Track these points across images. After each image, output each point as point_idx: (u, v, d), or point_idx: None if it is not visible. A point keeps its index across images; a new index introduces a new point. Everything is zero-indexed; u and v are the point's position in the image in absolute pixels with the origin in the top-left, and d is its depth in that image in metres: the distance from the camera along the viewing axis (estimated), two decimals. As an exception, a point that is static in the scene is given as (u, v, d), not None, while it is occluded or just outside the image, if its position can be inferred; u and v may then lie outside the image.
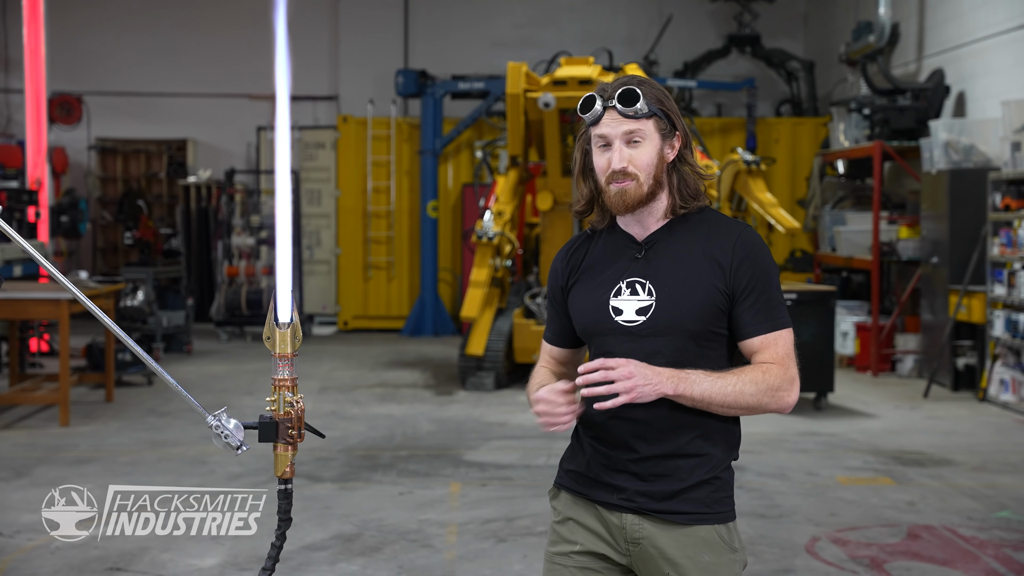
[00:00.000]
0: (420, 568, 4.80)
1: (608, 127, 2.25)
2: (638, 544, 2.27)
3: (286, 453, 2.16)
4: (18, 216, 10.49)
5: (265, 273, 12.98)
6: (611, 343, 2.26)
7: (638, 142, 2.24)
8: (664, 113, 2.26)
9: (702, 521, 2.25)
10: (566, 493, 2.37)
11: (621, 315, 2.26)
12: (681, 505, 2.25)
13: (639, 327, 2.24)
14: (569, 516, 2.35)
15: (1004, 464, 6.89)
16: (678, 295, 2.24)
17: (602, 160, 2.27)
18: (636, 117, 2.23)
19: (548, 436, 7.49)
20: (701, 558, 2.24)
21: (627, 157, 2.24)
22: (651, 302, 2.24)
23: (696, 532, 2.25)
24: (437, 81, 13.71)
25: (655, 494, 2.25)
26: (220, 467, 6.49)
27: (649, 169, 2.25)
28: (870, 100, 11.45)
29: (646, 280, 2.26)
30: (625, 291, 2.27)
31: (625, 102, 2.22)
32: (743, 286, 2.24)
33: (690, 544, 2.25)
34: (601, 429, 2.29)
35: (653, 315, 2.24)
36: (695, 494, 2.25)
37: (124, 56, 15.35)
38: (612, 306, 2.27)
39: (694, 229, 2.29)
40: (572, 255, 2.39)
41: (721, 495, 2.28)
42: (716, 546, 2.26)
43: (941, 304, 9.92)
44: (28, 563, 4.79)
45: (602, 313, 2.28)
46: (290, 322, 2.13)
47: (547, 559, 2.38)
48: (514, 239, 10.05)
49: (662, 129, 2.26)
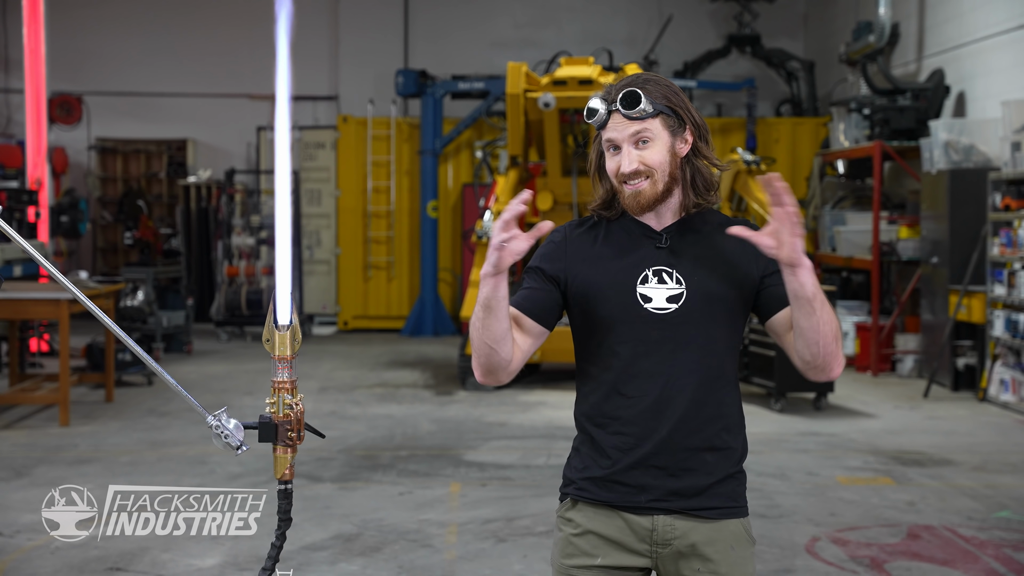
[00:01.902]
0: (420, 568, 4.80)
1: (614, 131, 2.23)
2: (669, 545, 2.26)
3: (285, 455, 2.16)
4: (18, 216, 10.49)
5: (265, 273, 12.98)
6: (640, 330, 2.24)
7: (647, 142, 2.22)
8: (671, 109, 2.23)
9: (730, 515, 2.27)
10: (585, 504, 2.31)
11: (651, 303, 2.24)
12: (711, 500, 2.25)
13: (671, 314, 2.23)
14: (590, 529, 2.29)
15: (1004, 464, 6.89)
16: (709, 283, 2.24)
17: (612, 164, 2.25)
18: (641, 118, 2.21)
19: (548, 436, 7.50)
20: (731, 553, 2.25)
21: (636, 158, 2.22)
22: (682, 290, 2.24)
23: (726, 526, 2.26)
24: (437, 81, 13.71)
25: (684, 491, 2.24)
26: (220, 467, 6.49)
27: (663, 167, 2.23)
28: (870, 100, 11.45)
29: (672, 269, 2.25)
30: (652, 279, 2.25)
31: (627, 105, 2.20)
32: (765, 269, 2.25)
33: (721, 539, 2.26)
34: (630, 425, 2.25)
35: (685, 302, 2.23)
36: (722, 488, 2.26)
37: (124, 56, 15.35)
38: (640, 293, 2.25)
39: (708, 224, 2.29)
40: (578, 238, 2.33)
41: (742, 489, 2.31)
42: (742, 539, 2.28)
43: (941, 304, 9.92)
44: (28, 563, 4.79)
45: (630, 300, 2.25)
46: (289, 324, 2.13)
47: (562, 571, 2.32)
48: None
49: (671, 126, 2.23)
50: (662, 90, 2.24)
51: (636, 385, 2.24)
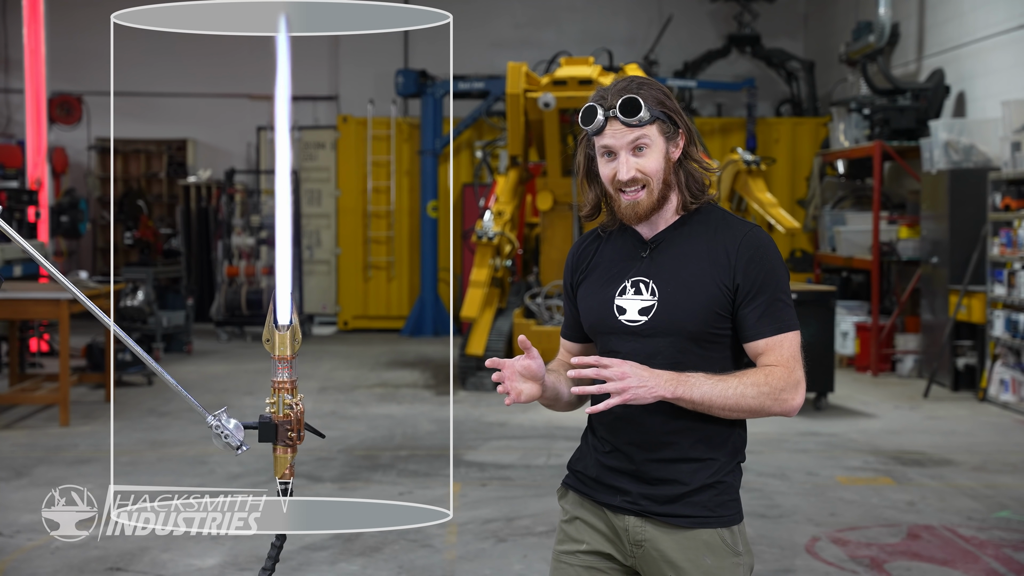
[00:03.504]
0: (420, 568, 4.80)
1: (612, 138, 2.21)
2: (641, 546, 2.27)
3: (285, 455, 2.16)
4: (18, 216, 10.49)
5: (265, 273, 12.98)
6: (615, 342, 2.26)
7: (643, 148, 2.21)
8: (666, 115, 2.22)
9: (704, 524, 2.24)
10: (573, 493, 2.37)
11: (625, 314, 2.25)
12: (683, 508, 2.24)
13: (642, 327, 2.23)
14: (576, 515, 2.35)
15: (1004, 464, 6.89)
16: (680, 295, 2.22)
17: (608, 170, 2.24)
18: (640, 125, 2.20)
19: (548, 436, 7.49)
20: (703, 561, 2.23)
21: (634, 166, 2.21)
22: (653, 302, 2.23)
23: (698, 535, 2.24)
24: (437, 81, 13.71)
25: (658, 497, 2.25)
26: (220, 467, 6.49)
27: (658, 175, 2.22)
28: (870, 100, 11.45)
29: (650, 280, 2.25)
30: (630, 290, 2.26)
31: (627, 112, 2.19)
32: (748, 287, 2.20)
33: (692, 547, 2.24)
34: (606, 431, 2.29)
35: (655, 315, 2.22)
36: (698, 498, 2.24)
37: (124, 56, 15.31)
38: (617, 305, 2.26)
39: (701, 226, 2.27)
40: (582, 253, 2.39)
41: (725, 498, 2.26)
42: (718, 549, 2.25)
43: (941, 304, 9.92)
44: (28, 563, 4.79)
45: (607, 311, 2.27)
46: (289, 324, 2.13)
47: (554, 557, 2.38)
48: (514, 239, 10.05)
49: (666, 132, 2.23)
50: (656, 95, 2.22)
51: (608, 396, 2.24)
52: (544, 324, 9.69)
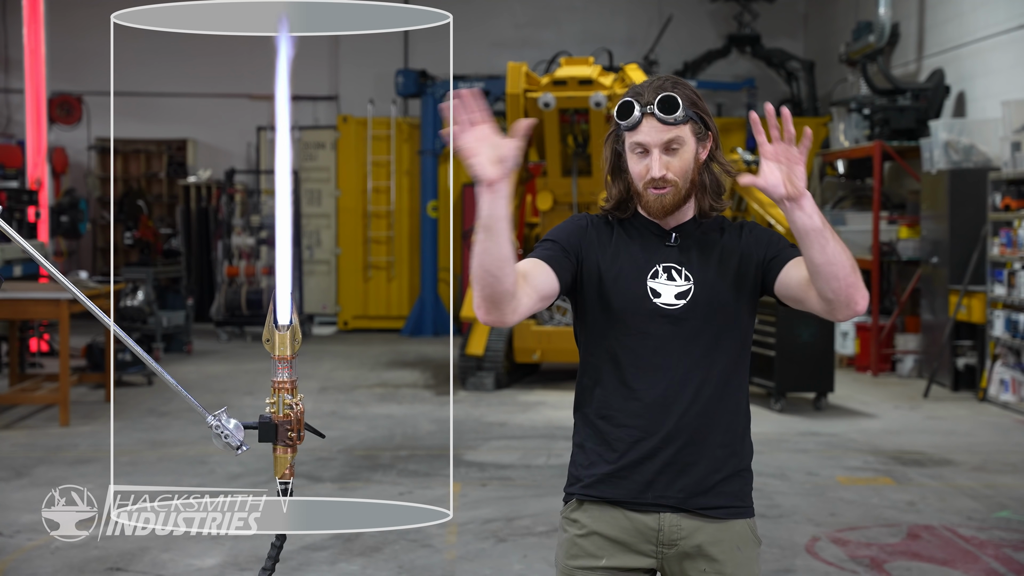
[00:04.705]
0: (420, 568, 4.80)
1: (646, 135, 2.21)
2: (675, 545, 2.25)
3: (285, 455, 2.16)
4: (18, 216, 10.49)
5: (265, 273, 12.98)
6: (648, 324, 2.25)
7: (676, 148, 2.21)
8: (698, 116, 2.23)
9: (737, 515, 2.28)
10: (591, 504, 2.30)
11: (660, 298, 2.26)
12: (716, 499, 2.26)
13: (679, 311, 2.25)
14: (595, 530, 2.29)
15: (1004, 464, 6.89)
16: (715, 283, 2.25)
17: (639, 167, 2.24)
18: (675, 124, 2.20)
19: (548, 436, 7.50)
20: (737, 553, 2.26)
21: (665, 165, 2.21)
22: (690, 287, 2.25)
23: (732, 527, 2.27)
24: (437, 81, 13.71)
25: (691, 487, 2.25)
26: (220, 467, 6.49)
27: (686, 175, 2.24)
28: (870, 100, 11.45)
29: (682, 267, 2.27)
30: (662, 275, 2.27)
31: (665, 110, 2.19)
32: (763, 250, 2.27)
33: (727, 539, 2.26)
34: (637, 418, 2.25)
35: (693, 300, 2.25)
36: (728, 487, 2.27)
37: (124, 56, 15.31)
38: (650, 287, 2.26)
39: (713, 227, 2.32)
40: (599, 227, 2.32)
41: (749, 488, 2.32)
42: (748, 540, 2.29)
43: (941, 304, 9.92)
44: (28, 563, 4.79)
45: (640, 293, 2.26)
46: (289, 324, 2.13)
47: (566, 571, 2.31)
48: (514, 239, 10.04)
49: (697, 132, 2.24)
50: (689, 95, 2.23)
51: (644, 378, 2.24)
52: (544, 324, 9.68)
